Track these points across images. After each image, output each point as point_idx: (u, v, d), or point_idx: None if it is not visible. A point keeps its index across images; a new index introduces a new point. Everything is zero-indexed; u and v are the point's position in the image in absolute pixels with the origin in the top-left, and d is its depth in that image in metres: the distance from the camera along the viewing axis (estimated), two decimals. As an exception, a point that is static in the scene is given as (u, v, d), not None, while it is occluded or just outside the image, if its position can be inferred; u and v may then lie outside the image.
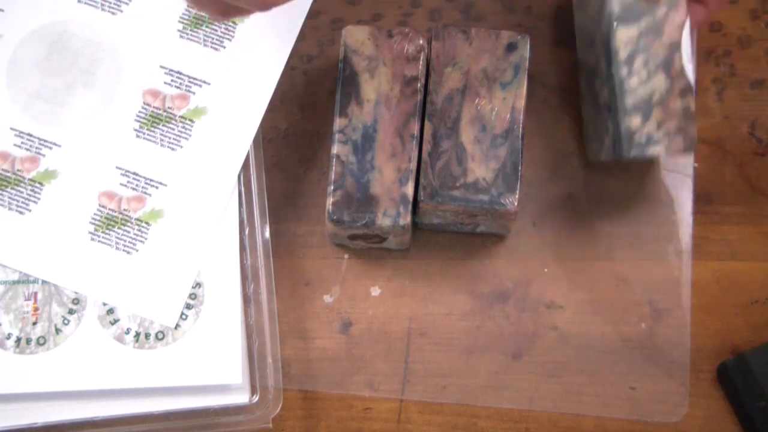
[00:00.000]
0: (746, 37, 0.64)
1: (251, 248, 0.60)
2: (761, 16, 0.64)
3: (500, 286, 0.61)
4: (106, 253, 0.59)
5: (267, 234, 0.60)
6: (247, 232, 0.60)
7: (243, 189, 0.60)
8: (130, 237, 0.59)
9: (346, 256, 0.61)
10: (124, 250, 0.59)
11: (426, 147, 0.57)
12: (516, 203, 0.56)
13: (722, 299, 0.60)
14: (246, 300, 0.59)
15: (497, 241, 0.61)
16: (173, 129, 0.61)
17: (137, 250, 0.59)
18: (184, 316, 0.59)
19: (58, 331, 0.58)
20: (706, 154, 0.62)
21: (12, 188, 0.60)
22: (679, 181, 0.62)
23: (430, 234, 0.61)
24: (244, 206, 0.60)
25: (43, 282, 0.59)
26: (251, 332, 0.59)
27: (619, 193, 0.62)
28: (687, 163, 0.62)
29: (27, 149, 0.60)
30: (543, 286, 0.61)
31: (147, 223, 0.59)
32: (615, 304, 0.60)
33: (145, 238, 0.59)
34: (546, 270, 0.61)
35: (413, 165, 0.57)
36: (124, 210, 0.60)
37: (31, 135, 0.60)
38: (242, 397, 0.58)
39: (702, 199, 0.62)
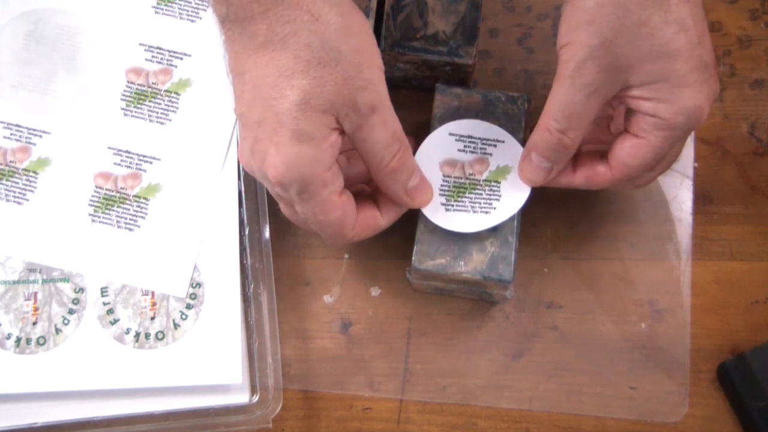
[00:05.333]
0: (746, 37, 0.64)
1: (251, 248, 0.60)
2: (761, 16, 0.64)
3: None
4: (109, 232, 0.59)
5: (267, 234, 0.60)
6: (247, 232, 0.60)
7: (243, 189, 0.60)
8: (130, 214, 0.60)
9: (346, 256, 0.61)
10: (126, 228, 0.59)
11: (389, 0, 0.57)
12: (474, 56, 0.56)
13: (722, 299, 0.60)
14: (246, 300, 0.59)
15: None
16: (160, 104, 0.61)
17: (139, 226, 0.59)
18: (184, 316, 0.59)
19: (58, 331, 0.58)
20: (706, 154, 0.62)
21: (7, 180, 0.60)
22: (679, 181, 0.62)
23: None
24: (244, 206, 0.60)
25: (43, 282, 0.59)
26: (251, 332, 0.59)
27: (619, 193, 0.62)
28: (687, 162, 0.62)
29: (17, 140, 0.60)
30: (543, 286, 0.61)
31: (145, 198, 0.60)
32: (615, 304, 0.60)
33: (146, 214, 0.60)
34: (546, 270, 0.61)
35: None
36: (121, 188, 0.60)
37: (19, 125, 0.61)
38: (242, 397, 0.58)
39: (702, 199, 0.62)
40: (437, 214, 0.54)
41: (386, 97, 0.48)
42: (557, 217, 0.61)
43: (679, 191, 0.62)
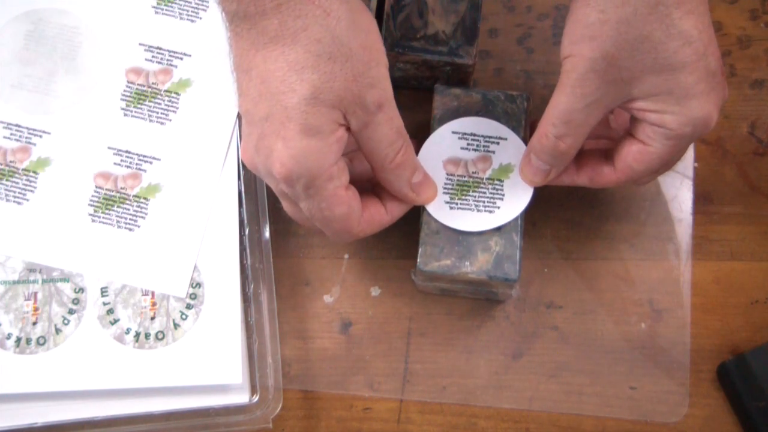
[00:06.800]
0: (746, 37, 0.64)
1: (251, 248, 0.60)
2: (761, 16, 0.64)
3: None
4: (109, 232, 0.59)
5: (267, 234, 0.60)
6: (247, 232, 0.60)
7: (243, 189, 0.60)
8: (130, 214, 0.60)
9: (346, 256, 0.61)
10: (126, 228, 0.59)
11: (388, 0, 0.58)
12: (474, 56, 0.56)
13: (722, 299, 0.60)
14: (246, 300, 0.59)
15: (497, 241, 0.61)
16: (160, 104, 0.61)
17: (139, 227, 0.59)
18: (184, 316, 0.59)
19: (58, 331, 0.58)
20: (706, 154, 0.62)
21: (7, 180, 0.60)
22: (679, 181, 0.62)
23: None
24: (244, 206, 0.60)
25: (43, 282, 0.59)
26: (251, 332, 0.59)
27: (619, 193, 0.62)
28: (687, 163, 0.62)
29: (17, 140, 0.60)
30: (543, 286, 0.61)
31: (145, 198, 0.60)
32: (615, 304, 0.60)
33: (146, 214, 0.60)
34: (546, 270, 0.61)
35: None
36: (121, 188, 0.60)
37: (19, 126, 0.61)
38: (242, 397, 0.58)
39: (702, 199, 0.62)
40: (442, 212, 0.54)
41: (391, 94, 0.48)
42: (557, 217, 0.62)
43: (679, 191, 0.62)
